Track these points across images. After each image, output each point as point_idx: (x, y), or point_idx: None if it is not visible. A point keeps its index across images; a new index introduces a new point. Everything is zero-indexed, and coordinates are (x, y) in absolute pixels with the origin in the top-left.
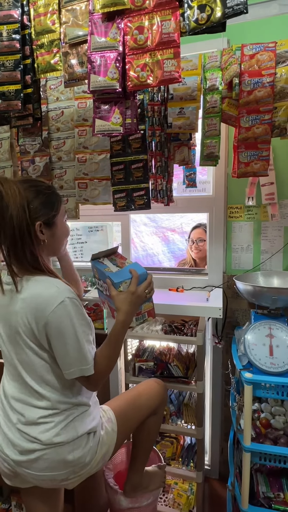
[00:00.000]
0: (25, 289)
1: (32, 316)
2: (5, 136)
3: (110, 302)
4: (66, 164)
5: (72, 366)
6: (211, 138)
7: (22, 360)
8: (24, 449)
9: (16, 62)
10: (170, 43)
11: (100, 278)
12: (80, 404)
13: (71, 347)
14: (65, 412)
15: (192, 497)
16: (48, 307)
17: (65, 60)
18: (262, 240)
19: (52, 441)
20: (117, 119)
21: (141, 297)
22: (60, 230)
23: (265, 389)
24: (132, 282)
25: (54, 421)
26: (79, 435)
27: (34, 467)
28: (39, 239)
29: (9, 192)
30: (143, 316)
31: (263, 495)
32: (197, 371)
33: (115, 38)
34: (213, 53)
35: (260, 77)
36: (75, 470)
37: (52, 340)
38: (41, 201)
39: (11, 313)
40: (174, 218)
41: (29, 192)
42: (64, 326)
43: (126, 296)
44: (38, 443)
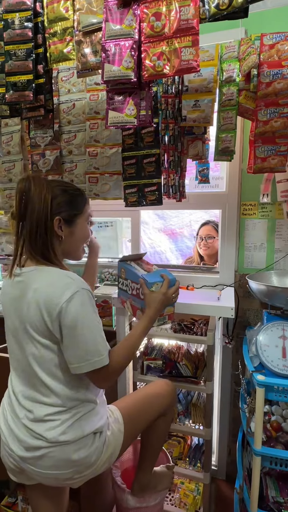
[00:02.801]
0: (38, 280)
1: (45, 305)
2: (16, 129)
3: (136, 301)
4: (77, 158)
5: (84, 359)
6: (227, 132)
7: (32, 354)
8: (30, 446)
9: (28, 51)
10: (189, 30)
11: (128, 278)
12: (88, 401)
13: (84, 337)
14: (72, 410)
15: (199, 497)
16: (63, 296)
17: (78, 49)
18: (276, 238)
19: (57, 440)
20: (131, 111)
21: (169, 299)
22: (80, 231)
23: (277, 392)
24: (164, 284)
25: (61, 419)
26: (85, 434)
27: (39, 464)
28: (57, 235)
29: (37, 187)
30: (164, 318)
31: (272, 499)
32: (206, 371)
33: (130, 25)
34: (230, 43)
35: (280, 68)
36: (80, 470)
37: (65, 330)
38: (65, 199)
39: (22, 304)
40: (183, 215)
41: (56, 189)
42: (80, 315)
43: (157, 296)
44: (43, 441)
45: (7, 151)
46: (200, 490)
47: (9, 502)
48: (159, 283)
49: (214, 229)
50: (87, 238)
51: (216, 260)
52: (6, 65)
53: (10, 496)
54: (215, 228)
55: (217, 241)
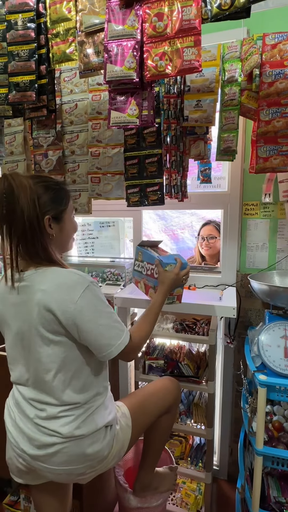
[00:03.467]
0: (44, 281)
1: (59, 305)
2: (19, 129)
3: (149, 280)
4: (79, 158)
5: (111, 345)
6: (229, 132)
7: (45, 356)
8: (42, 444)
9: (31, 52)
10: (191, 30)
11: (144, 260)
12: (98, 394)
13: (106, 326)
14: (85, 405)
15: (200, 497)
16: (76, 293)
17: (80, 49)
18: (279, 238)
19: (73, 434)
20: (133, 111)
21: (179, 279)
22: (69, 226)
23: (279, 392)
24: (177, 266)
25: (75, 414)
26: (98, 427)
27: (52, 461)
28: (48, 233)
29: (20, 187)
30: (173, 298)
31: (274, 499)
32: (208, 371)
33: (133, 26)
34: (232, 43)
35: (282, 68)
36: (93, 465)
37: (84, 325)
38: (50, 196)
39: (31, 308)
40: (184, 215)
41: (39, 187)
42: (95, 308)
43: (170, 275)
44: (58, 437)
45: (10, 151)
46: (201, 490)
47: (11, 501)
48: (173, 265)
49: (216, 229)
50: (75, 230)
51: (218, 260)
52: (9, 66)
53: (13, 495)
54: (216, 228)
55: (218, 241)
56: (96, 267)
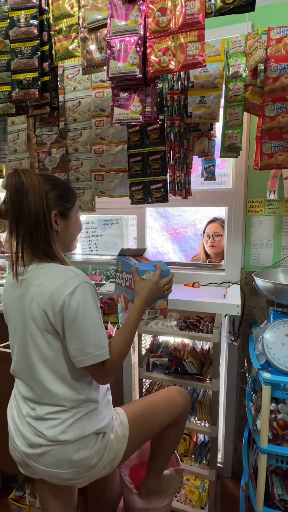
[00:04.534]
0: (40, 275)
1: (48, 300)
2: (22, 127)
3: (128, 293)
4: (83, 155)
5: (86, 352)
6: (233, 129)
7: (35, 351)
8: (32, 443)
9: (33, 49)
10: (194, 24)
11: (123, 270)
12: (89, 401)
13: (86, 331)
14: (72, 409)
15: (204, 494)
16: (65, 290)
17: (83, 45)
18: (283, 235)
19: (57, 439)
20: (136, 107)
21: (160, 289)
22: (74, 224)
23: (284, 390)
24: (156, 273)
25: (61, 418)
26: (85, 434)
27: (40, 461)
28: (53, 229)
29: (29, 181)
30: (156, 312)
31: (278, 497)
32: (212, 369)
33: (136, 21)
34: (237, 38)
35: (287, 63)
36: (80, 471)
37: (67, 323)
38: (57, 193)
39: (25, 301)
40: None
41: (47, 184)
42: (81, 309)
43: (147, 284)
44: (43, 438)
45: (13, 149)
46: (205, 487)
47: (17, 496)
48: (151, 272)
49: (222, 227)
50: (80, 229)
51: (222, 258)
52: (12, 63)
53: (18, 490)
54: (222, 226)
55: (224, 239)
56: (100, 264)
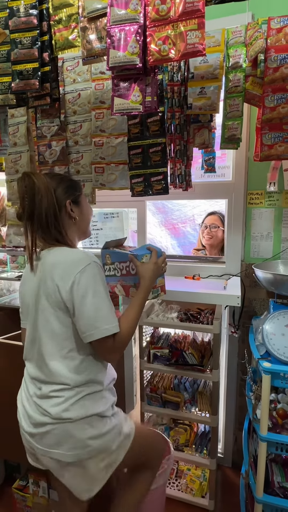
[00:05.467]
0: (53, 255)
1: (60, 276)
2: (22, 120)
3: (126, 280)
4: (83, 148)
5: (95, 326)
6: (233, 120)
7: (44, 329)
8: (37, 422)
9: (33, 39)
10: (194, 12)
11: (114, 261)
12: (93, 382)
13: (96, 306)
14: (75, 388)
15: (205, 483)
16: (77, 267)
17: (83, 35)
18: (283, 227)
19: (60, 416)
20: (136, 97)
21: (159, 268)
22: (86, 208)
23: (283, 379)
24: (153, 255)
25: (64, 396)
26: (88, 414)
27: (43, 442)
28: (71, 217)
29: (39, 180)
30: (157, 290)
31: (278, 484)
32: (212, 360)
33: (135, 10)
34: (237, 28)
35: (287, 53)
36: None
37: (78, 299)
38: (65, 185)
39: (40, 279)
40: (186, 208)
41: (54, 180)
42: (92, 285)
43: (149, 266)
44: (48, 417)
45: (13, 142)
46: (206, 476)
47: (20, 485)
48: (148, 255)
49: (220, 219)
50: (91, 211)
51: (218, 252)
52: (12, 54)
53: (21, 480)
54: (220, 219)
55: (220, 231)
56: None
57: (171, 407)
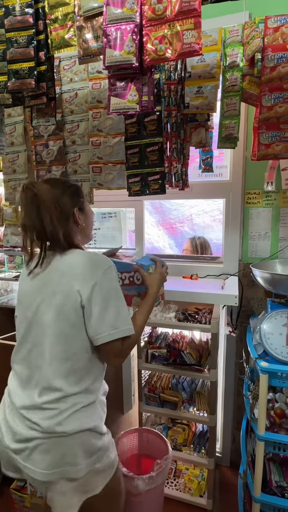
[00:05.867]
0: (69, 258)
1: (81, 277)
2: (19, 119)
3: (129, 289)
4: (80, 148)
5: (115, 327)
6: (230, 119)
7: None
8: (24, 437)
9: (29, 38)
10: (191, 12)
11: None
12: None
13: (116, 308)
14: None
15: (203, 482)
16: (99, 269)
17: (79, 34)
18: (281, 227)
19: (53, 430)
20: (133, 97)
21: (164, 278)
22: (89, 213)
23: (281, 379)
24: (158, 265)
25: (59, 409)
26: (83, 428)
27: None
28: (77, 224)
29: (41, 191)
30: (159, 298)
31: (275, 484)
32: (210, 359)
33: (132, 9)
34: (234, 27)
35: (284, 52)
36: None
37: (99, 299)
38: (69, 192)
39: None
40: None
41: (58, 189)
42: (112, 287)
43: (156, 276)
44: (37, 431)
45: (10, 142)
46: (204, 475)
47: (18, 486)
48: (153, 266)
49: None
50: (94, 216)
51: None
52: (8, 53)
53: (19, 480)
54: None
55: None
56: None
57: (169, 407)
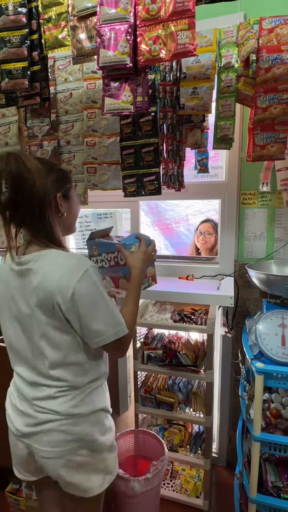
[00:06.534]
0: (46, 264)
1: (56, 289)
2: (13, 120)
3: (115, 271)
4: (75, 148)
5: (106, 331)
6: (226, 120)
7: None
8: (39, 421)
9: (22, 38)
10: (185, 12)
11: (102, 252)
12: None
13: (102, 313)
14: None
15: (200, 483)
16: (74, 277)
17: (73, 34)
18: (276, 227)
19: (70, 412)
20: (127, 97)
21: (149, 257)
22: (75, 204)
23: (276, 379)
24: (142, 243)
25: (71, 394)
26: (96, 409)
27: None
28: (59, 212)
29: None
30: (148, 280)
31: (271, 484)
32: (206, 360)
33: (126, 9)
34: (229, 28)
35: (279, 53)
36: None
37: (81, 309)
38: (56, 175)
39: (30, 291)
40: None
41: (45, 167)
42: (93, 293)
43: (138, 255)
44: (53, 414)
45: (4, 142)
46: (201, 476)
47: (13, 489)
48: (137, 244)
49: (213, 227)
50: (80, 207)
51: (211, 253)
52: (1, 53)
53: (15, 483)
54: (213, 226)
55: (213, 237)
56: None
57: (165, 408)
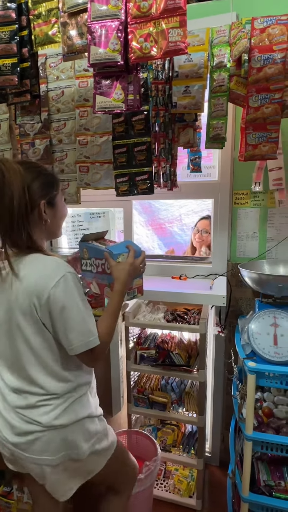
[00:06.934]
0: (23, 268)
1: (33, 293)
2: (4, 117)
3: (101, 278)
4: (67, 147)
5: (77, 341)
6: (218, 119)
7: (24, 345)
8: (23, 431)
9: (12, 34)
10: (176, 10)
11: (91, 257)
12: (80, 386)
13: (75, 321)
14: (64, 396)
15: (193, 483)
16: (50, 282)
17: (63, 31)
18: (269, 227)
19: (52, 424)
20: (118, 95)
21: (136, 269)
22: (61, 210)
23: (268, 379)
24: (130, 254)
25: (53, 404)
26: (79, 418)
27: (32, 449)
28: (42, 219)
29: (11, 172)
30: (134, 291)
31: (263, 483)
32: (199, 360)
33: (117, 6)
34: (221, 28)
35: (271, 53)
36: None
37: (55, 315)
38: (42, 182)
39: (10, 295)
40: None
41: (30, 173)
42: (67, 299)
43: (124, 267)
44: (36, 425)
45: None
46: (194, 476)
47: (4, 491)
48: (125, 254)
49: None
50: (66, 214)
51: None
52: None
53: (6, 486)
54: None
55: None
56: None
57: (158, 408)
